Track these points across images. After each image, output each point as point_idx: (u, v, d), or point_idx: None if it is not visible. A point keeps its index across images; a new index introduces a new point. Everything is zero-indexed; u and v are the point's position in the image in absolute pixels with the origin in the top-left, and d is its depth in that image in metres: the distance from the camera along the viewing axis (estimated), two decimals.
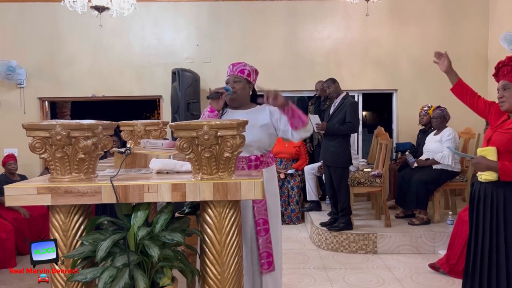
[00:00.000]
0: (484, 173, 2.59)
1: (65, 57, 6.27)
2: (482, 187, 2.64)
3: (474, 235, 2.72)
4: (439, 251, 4.32)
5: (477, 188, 2.69)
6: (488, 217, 2.61)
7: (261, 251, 2.51)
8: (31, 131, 1.69)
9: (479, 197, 2.67)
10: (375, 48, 6.34)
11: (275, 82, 6.34)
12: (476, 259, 2.68)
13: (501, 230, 2.56)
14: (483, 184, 2.64)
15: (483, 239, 2.63)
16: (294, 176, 5.79)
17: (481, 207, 2.65)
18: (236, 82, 2.59)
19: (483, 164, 2.56)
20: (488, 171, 2.55)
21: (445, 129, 4.76)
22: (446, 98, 5.95)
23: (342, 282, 3.75)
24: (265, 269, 2.52)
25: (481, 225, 2.66)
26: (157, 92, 6.41)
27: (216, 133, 1.71)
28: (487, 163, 2.54)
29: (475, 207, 2.70)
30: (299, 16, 6.35)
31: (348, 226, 4.56)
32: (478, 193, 2.67)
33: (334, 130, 4.43)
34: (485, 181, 2.61)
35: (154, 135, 2.69)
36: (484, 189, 2.63)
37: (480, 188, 2.66)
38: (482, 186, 2.64)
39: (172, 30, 6.36)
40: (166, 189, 1.70)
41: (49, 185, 1.68)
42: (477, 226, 2.70)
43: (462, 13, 6.30)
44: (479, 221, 2.67)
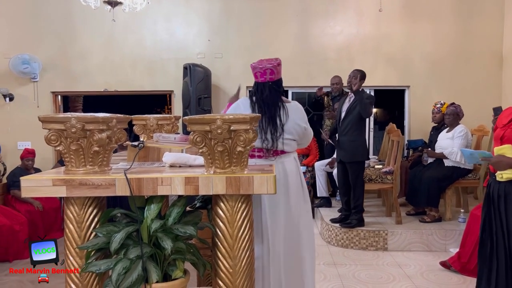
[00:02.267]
0: (506, 171, 2.52)
1: (78, 51, 6.32)
2: (501, 186, 2.57)
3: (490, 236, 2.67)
4: (450, 249, 4.29)
5: (495, 188, 2.62)
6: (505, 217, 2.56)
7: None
8: (47, 123, 1.71)
9: (498, 197, 2.58)
10: (387, 44, 6.29)
11: (287, 78, 6.26)
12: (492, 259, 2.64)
13: None
14: (502, 184, 2.57)
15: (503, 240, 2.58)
16: (304, 173, 5.78)
17: (502, 207, 2.57)
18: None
19: (504, 162, 2.49)
20: (509, 169, 2.49)
21: (457, 126, 4.71)
22: (458, 95, 5.96)
23: (352, 279, 3.75)
24: None
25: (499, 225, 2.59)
26: (168, 87, 6.44)
27: (229, 127, 1.71)
28: (508, 161, 2.47)
29: (492, 207, 2.64)
30: (311, 12, 6.32)
31: (360, 223, 4.55)
32: (498, 192, 2.59)
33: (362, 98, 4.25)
34: (506, 180, 2.54)
35: (166, 129, 2.70)
36: (504, 188, 2.56)
37: (499, 188, 2.59)
38: (501, 186, 2.57)
39: (184, 25, 6.37)
40: (179, 182, 1.71)
41: (64, 177, 1.70)
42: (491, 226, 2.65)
43: (476, 9, 6.22)
44: (496, 221, 2.61)
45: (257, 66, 2.64)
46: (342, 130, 4.48)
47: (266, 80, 2.62)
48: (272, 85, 2.62)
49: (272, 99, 2.61)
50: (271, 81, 2.62)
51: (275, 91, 2.63)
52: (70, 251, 1.74)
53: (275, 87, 2.63)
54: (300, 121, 2.66)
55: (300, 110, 2.71)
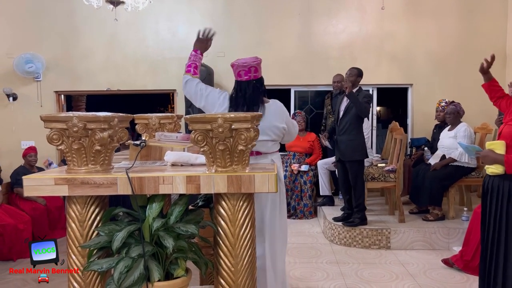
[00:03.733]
0: (491, 166, 2.65)
1: (81, 51, 6.34)
2: (491, 180, 2.70)
3: (483, 229, 2.76)
4: (454, 247, 4.28)
5: (487, 182, 2.75)
6: (493, 209, 2.66)
7: None
8: (49, 123, 1.71)
9: (487, 190, 2.72)
10: (390, 42, 6.27)
11: (289, 76, 6.34)
12: (487, 253, 2.71)
13: (503, 224, 2.61)
14: (491, 178, 2.69)
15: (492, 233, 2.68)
16: (307, 171, 5.78)
17: (488, 200, 2.71)
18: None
19: (490, 157, 2.63)
20: (495, 165, 2.62)
21: (460, 125, 4.69)
22: (462, 93, 5.93)
23: (355, 277, 3.75)
24: None
25: (487, 218, 2.72)
26: (171, 86, 6.45)
27: (230, 126, 1.71)
28: (494, 156, 2.60)
29: (484, 201, 2.75)
30: (314, 10, 6.31)
31: (363, 221, 4.54)
32: (487, 186, 2.73)
33: (356, 99, 4.27)
34: (492, 174, 2.67)
35: (168, 128, 2.71)
36: (492, 182, 2.69)
37: (489, 181, 2.72)
38: (491, 180, 2.70)
39: (186, 24, 6.37)
40: (181, 181, 1.72)
41: (66, 176, 1.71)
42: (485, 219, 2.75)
43: (480, 7, 6.20)
44: (486, 214, 2.74)
45: (241, 64, 2.64)
46: (340, 129, 4.48)
47: (250, 79, 2.63)
48: (255, 84, 2.64)
49: (254, 99, 2.61)
50: (255, 79, 2.64)
51: (258, 90, 2.64)
52: (72, 249, 1.75)
53: (258, 85, 2.65)
54: (278, 122, 2.63)
55: (278, 110, 2.68)
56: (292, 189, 5.73)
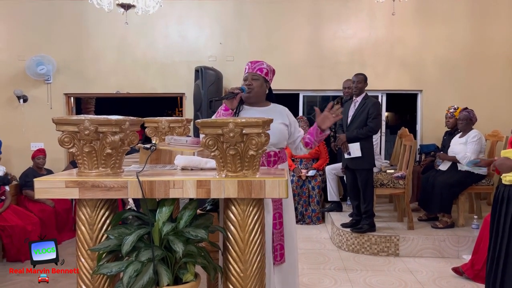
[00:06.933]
0: (509, 174, 2.57)
1: (91, 54, 6.38)
2: (506, 189, 2.62)
3: (494, 239, 2.70)
4: (463, 255, 4.23)
5: (501, 191, 2.67)
6: (509, 219, 2.59)
7: (275, 243, 2.59)
8: (61, 125, 1.72)
9: (502, 200, 2.64)
10: (400, 48, 6.25)
11: (299, 81, 6.33)
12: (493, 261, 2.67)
13: None
14: (507, 187, 2.61)
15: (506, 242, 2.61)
16: (315, 176, 5.75)
17: (503, 210, 2.63)
18: (254, 80, 2.65)
19: (506, 164, 2.55)
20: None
21: (470, 131, 4.65)
22: (472, 100, 5.89)
23: (363, 284, 3.71)
24: (278, 261, 2.61)
25: (501, 228, 2.65)
26: (180, 90, 6.46)
27: (241, 131, 1.70)
28: (511, 163, 2.53)
29: (497, 210, 2.69)
30: (323, 15, 6.31)
31: (371, 228, 4.51)
32: (502, 195, 2.65)
33: (355, 137, 4.38)
34: (509, 183, 2.57)
35: (178, 132, 2.71)
36: (508, 191, 2.61)
37: (504, 191, 2.64)
38: (506, 189, 2.62)
39: (196, 28, 6.40)
40: (191, 185, 1.71)
41: (77, 179, 1.71)
42: (498, 229, 2.68)
43: (491, 14, 6.16)
44: (500, 224, 2.66)
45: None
46: (348, 137, 4.46)
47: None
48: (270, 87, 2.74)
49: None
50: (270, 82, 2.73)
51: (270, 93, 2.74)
52: (81, 252, 1.74)
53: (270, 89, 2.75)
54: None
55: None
56: (300, 195, 5.70)
